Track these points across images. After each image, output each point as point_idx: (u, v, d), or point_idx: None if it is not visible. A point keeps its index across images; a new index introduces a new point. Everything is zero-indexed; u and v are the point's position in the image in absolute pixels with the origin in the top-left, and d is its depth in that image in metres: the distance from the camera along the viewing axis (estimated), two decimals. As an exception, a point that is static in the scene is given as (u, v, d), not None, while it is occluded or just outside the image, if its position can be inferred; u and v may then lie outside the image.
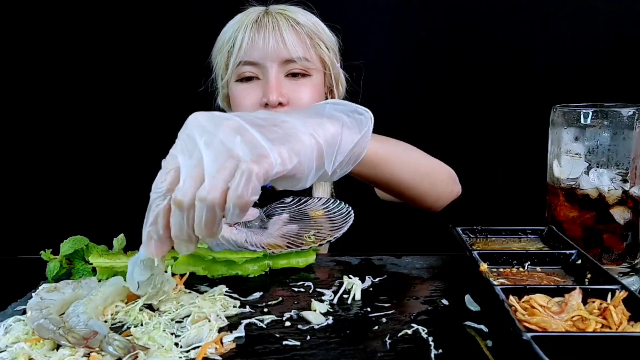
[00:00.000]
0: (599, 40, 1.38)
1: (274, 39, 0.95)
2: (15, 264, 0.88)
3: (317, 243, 0.77)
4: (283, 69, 0.97)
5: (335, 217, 0.85)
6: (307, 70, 0.98)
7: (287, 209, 0.90)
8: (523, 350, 0.45)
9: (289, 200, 0.92)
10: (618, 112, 0.71)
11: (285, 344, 0.56)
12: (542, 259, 0.68)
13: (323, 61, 1.02)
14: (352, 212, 0.84)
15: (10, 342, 0.56)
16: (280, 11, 0.99)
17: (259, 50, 0.95)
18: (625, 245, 0.73)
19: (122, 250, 0.78)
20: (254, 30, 0.96)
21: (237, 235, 0.78)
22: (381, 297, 0.67)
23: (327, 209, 0.88)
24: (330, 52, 1.03)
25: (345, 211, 0.85)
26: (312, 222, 0.84)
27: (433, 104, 1.47)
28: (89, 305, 0.59)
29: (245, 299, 0.68)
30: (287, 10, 0.99)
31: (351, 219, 0.82)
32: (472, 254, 0.67)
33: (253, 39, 0.95)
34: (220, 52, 1.00)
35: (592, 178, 0.73)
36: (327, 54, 1.02)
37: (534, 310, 0.52)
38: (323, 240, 0.78)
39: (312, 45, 0.99)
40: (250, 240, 0.78)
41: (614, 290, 0.55)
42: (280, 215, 0.87)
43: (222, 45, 1.00)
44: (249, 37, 0.95)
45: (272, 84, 0.95)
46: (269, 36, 0.95)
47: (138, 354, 0.52)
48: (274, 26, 0.95)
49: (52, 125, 1.48)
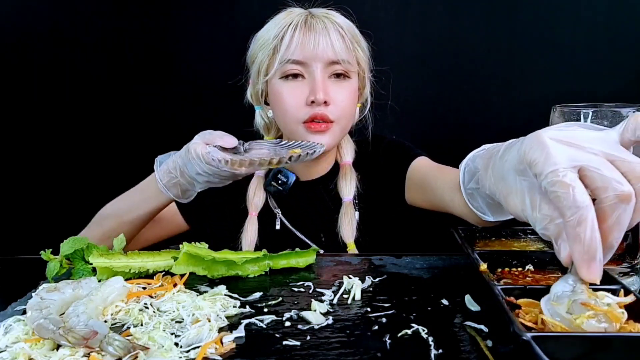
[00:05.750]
0: (599, 40, 1.38)
1: (323, 40, 0.98)
2: (15, 264, 0.88)
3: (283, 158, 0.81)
4: (328, 70, 0.99)
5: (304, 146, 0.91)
6: (348, 73, 1.01)
7: (267, 147, 0.93)
8: (523, 350, 0.45)
9: (273, 141, 0.97)
10: (618, 112, 0.71)
11: (285, 344, 0.56)
12: (542, 259, 0.68)
13: (359, 64, 1.04)
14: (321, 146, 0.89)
15: (10, 342, 0.56)
16: (325, 14, 1.01)
17: (308, 51, 0.98)
18: (625, 245, 0.73)
19: (122, 250, 0.78)
20: (303, 31, 0.98)
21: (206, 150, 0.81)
22: (381, 297, 0.67)
23: (304, 146, 0.92)
24: (366, 56, 1.06)
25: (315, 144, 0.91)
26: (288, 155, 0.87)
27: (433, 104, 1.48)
28: (89, 305, 0.59)
29: (245, 299, 0.68)
30: (330, 14, 1.02)
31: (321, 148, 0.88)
32: (472, 254, 0.67)
33: (302, 39, 0.98)
34: (262, 48, 1.01)
35: (592, 178, 0.72)
36: (363, 58, 1.05)
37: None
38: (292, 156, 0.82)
39: (353, 49, 1.02)
40: (216, 155, 0.81)
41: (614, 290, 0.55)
42: (260, 150, 0.91)
43: (265, 42, 1.01)
44: (298, 37, 0.98)
45: (319, 83, 0.98)
46: (319, 37, 0.98)
47: (138, 354, 0.52)
48: (322, 29, 0.98)
49: (52, 126, 1.48)
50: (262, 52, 1.02)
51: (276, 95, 1.02)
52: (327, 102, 0.98)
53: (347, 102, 1.01)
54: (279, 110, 1.02)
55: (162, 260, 0.77)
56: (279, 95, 1.01)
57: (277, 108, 1.03)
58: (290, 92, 1.00)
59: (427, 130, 1.48)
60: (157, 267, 0.76)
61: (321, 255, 0.84)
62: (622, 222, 0.46)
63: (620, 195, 0.45)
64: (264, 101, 1.08)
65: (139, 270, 0.75)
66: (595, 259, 0.46)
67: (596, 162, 0.46)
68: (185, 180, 0.87)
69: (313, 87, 0.98)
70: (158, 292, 0.68)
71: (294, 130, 1.01)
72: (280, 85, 1.01)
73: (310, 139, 0.99)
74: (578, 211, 0.45)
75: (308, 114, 0.98)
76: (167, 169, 0.88)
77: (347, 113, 1.02)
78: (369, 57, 1.07)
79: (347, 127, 1.05)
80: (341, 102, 1.00)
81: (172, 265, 0.75)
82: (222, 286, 0.70)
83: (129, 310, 0.63)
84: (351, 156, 1.11)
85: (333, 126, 1.00)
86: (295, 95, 0.99)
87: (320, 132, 0.99)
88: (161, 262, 0.77)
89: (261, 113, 1.10)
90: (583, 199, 0.45)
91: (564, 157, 0.47)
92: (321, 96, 0.97)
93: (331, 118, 0.99)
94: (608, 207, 0.46)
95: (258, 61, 1.03)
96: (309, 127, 0.98)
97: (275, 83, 1.01)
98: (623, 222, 0.46)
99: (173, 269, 0.75)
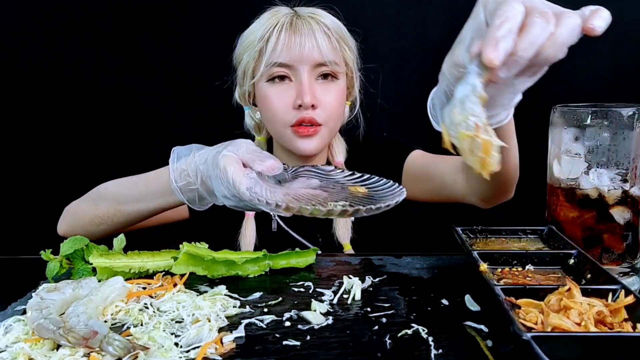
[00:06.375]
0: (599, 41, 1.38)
1: (309, 42, 0.96)
2: (15, 264, 0.88)
3: (344, 212, 0.63)
4: (314, 72, 0.98)
5: (378, 191, 0.72)
6: (335, 74, 1.00)
7: (319, 176, 0.77)
8: (523, 350, 0.45)
9: (326, 168, 0.79)
10: (618, 112, 0.71)
11: (285, 344, 0.56)
12: (542, 259, 0.68)
13: (347, 64, 1.04)
14: (403, 190, 0.71)
15: (10, 342, 0.56)
16: (310, 14, 1.00)
17: (294, 53, 0.96)
18: (625, 245, 0.73)
19: (122, 250, 0.78)
20: (288, 33, 0.97)
21: (245, 180, 0.66)
22: (381, 297, 0.67)
23: (371, 186, 0.74)
24: (354, 55, 1.05)
25: (396, 186, 0.73)
26: (348, 194, 0.71)
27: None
28: (89, 305, 0.59)
29: (245, 299, 0.68)
30: (316, 13, 1.01)
31: (402, 195, 0.70)
32: (472, 254, 0.67)
33: (288, 41, 0.96)
34: (248, 50, 1.00)
35: (592, 178, 0.73)
36: (351, 58, 1.04)
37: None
38: (353, 209, 0.63)
39: (340, 49, 1.01)
40: (256, 190, 0.65)
41: (614, 290, 0.55)
42: (309, 179, 0.76)
43: (250, 44, 1.00)
44: (283, 39, 0.96)
45: (305, 87, 0.96)
46: (304, 40, 0.96)
47: (138, 354, 0.52)
48: (308, 30, 0.97)
49: (52, 126, 1.48)
50: (247, 54, 1.00)
51: (263, 99, 1.01)
52: (315, 105, 0.96)
53: (334, 104, 1.00)
54: (267, 113, 1.01)
55: (162, 260, 0.77)
56: (266, 99, 1.00)
57: (264, 111, 1.02)
58: (277, 95, 0.98)
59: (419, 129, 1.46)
60: (157, 267, 0.76)
61: (321, 255, 0.84)
62: (535, 35, 0.50)
63: (545, 14, 0.51)
64: (252, 102, 1.07)
65: (139, 270, 0.75)
66: (503, 41, 0.50)
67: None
68: (205, 190, 0.75)
69: (300, 91, 0.96)
70: (158, 292, 0.68)
71: (282, 134, 1.00)
72: (267, 88, 0.99)
73: (299, 144, 0.98)
74: (506, 18, 0.50)
75: (295, 118, 0.97)
76: (184, 170, 0.76)
77: (335, 115, 1.01)
78: (357, 56, 1.05)
79: (336, 128, 1.04)
80: (329, 104, 0.99)
81: (172, 265, 0.75)
82: (222, 286, 0.70)
83: (129, 310, 0.63)
84: (343, 155, 1.10)
85: (321, 129, 0.98)
86: (282, 99, 0.98)
87: (309, 137, 0.98)
88: (161, 262, 0.77)
89: (250, 113, 1.09)
90: (515, 13, 0.50)
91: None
92: (308, 100, 0.95)
93: (319, 121, 0.97)
94: (529, 21, 0.51)
95: (244, 63, 1.01)
96: (296, 131, 0.97)
97: (262, 86, 1.00)
98: (536, 36, 0.50)
99: (173, 269, 0.75)
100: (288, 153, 1.04)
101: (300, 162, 1.04)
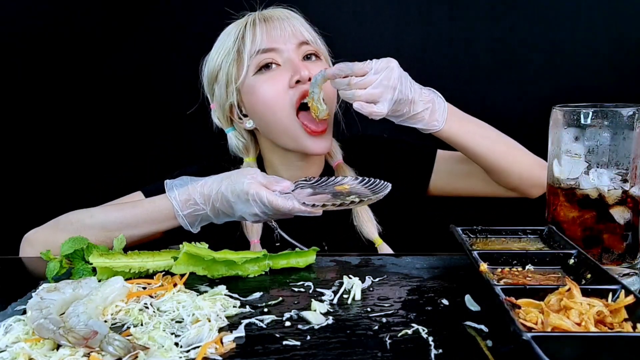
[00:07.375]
0: (599, 40, 1.38)
1: (287, 24, 0.97)
2: (15, 264, 0.88)
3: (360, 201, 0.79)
4: (299, 51, 0.98)
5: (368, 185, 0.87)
6: (318, 53, 1.00)
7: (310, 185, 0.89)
8: (523, 350, 0.45)
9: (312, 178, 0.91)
10: (618, 112, 0.71)
11: (285, 344, 0.56)
12: (542, 259, 0.68)
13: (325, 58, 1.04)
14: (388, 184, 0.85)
15: (11, 342, 0.56)
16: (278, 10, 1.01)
17: (275, 36, 0.96)
18: (625, 245, 0.73)
19: (122, 250, 0.78)
20: (263, 24, 0.97)
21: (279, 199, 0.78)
22: (381, 297, 0.67)
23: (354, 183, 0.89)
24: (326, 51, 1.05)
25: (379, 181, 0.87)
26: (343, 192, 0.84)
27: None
28: (89, 305, 0.59)
29: (245, 299, 0.68)
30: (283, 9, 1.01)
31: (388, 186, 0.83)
32: (472, 254, 0.67)
33: (266, 27, 0.96)
34: (225, 57, 0.98)
35: (592, 178, 0.72)
36: (324, 52, 1.04)
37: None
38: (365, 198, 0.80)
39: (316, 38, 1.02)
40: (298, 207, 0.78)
41: (614, 290, 0.55)
42: (303, 189, 0.86)
43: (226, 50, 0.98)
44: (260, 28, 0.96)
45: (297, 62, 0.96)
46: (282, 23, 0.97)
47: (138, 354, 0.52)
48: (282, 16, 0.98)
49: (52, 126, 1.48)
50: (225, 60, 0.98)
51: (256, 91, 0.96)
52: (310, 78, 0.93)
53: None
54: (263, 105, 0.96)
55: (162, 260, 0.77)
56: (258, 90, 0.96)
57: (260, 104, 0.97)
58: (269, 81, 0.95)
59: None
60: (157, 267, 0.76)
61: (321, 255, 0.84)
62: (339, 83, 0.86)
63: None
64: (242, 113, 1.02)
65: (139, 270, 0.75)
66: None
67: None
68: (213, 214, 0.83)
69: (294, 68, 0.94)
70: (158, 292, 0.68)
71: (287, 127, 0.96)
72: (255, 80, 0.96)
73: (309, 144, 0.96)
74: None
75: (296, 95, 0.94)
76: (190, 199, 0.83)
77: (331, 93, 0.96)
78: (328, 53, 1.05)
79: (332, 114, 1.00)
80: None
81: (172, 265, 0.75)
82: (222, 286, 0.70)
83: (129, 310, 0.63)
84: (340, 155, 1.08)
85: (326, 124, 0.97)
86: (275, 82, 0.95)
87: (319, 136, 0.95)
88: (161, 262, 0.77)
89: (235, 134, 1.04)
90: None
91: None
92: (306, 73, 0.93)
93: None
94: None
95: (224, 72, 0.99)
96: (305, 127, 0.95)
97: (250, 82, 0.97)
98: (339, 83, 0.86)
99: (173, 269, 0.75)
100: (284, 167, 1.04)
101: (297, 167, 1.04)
